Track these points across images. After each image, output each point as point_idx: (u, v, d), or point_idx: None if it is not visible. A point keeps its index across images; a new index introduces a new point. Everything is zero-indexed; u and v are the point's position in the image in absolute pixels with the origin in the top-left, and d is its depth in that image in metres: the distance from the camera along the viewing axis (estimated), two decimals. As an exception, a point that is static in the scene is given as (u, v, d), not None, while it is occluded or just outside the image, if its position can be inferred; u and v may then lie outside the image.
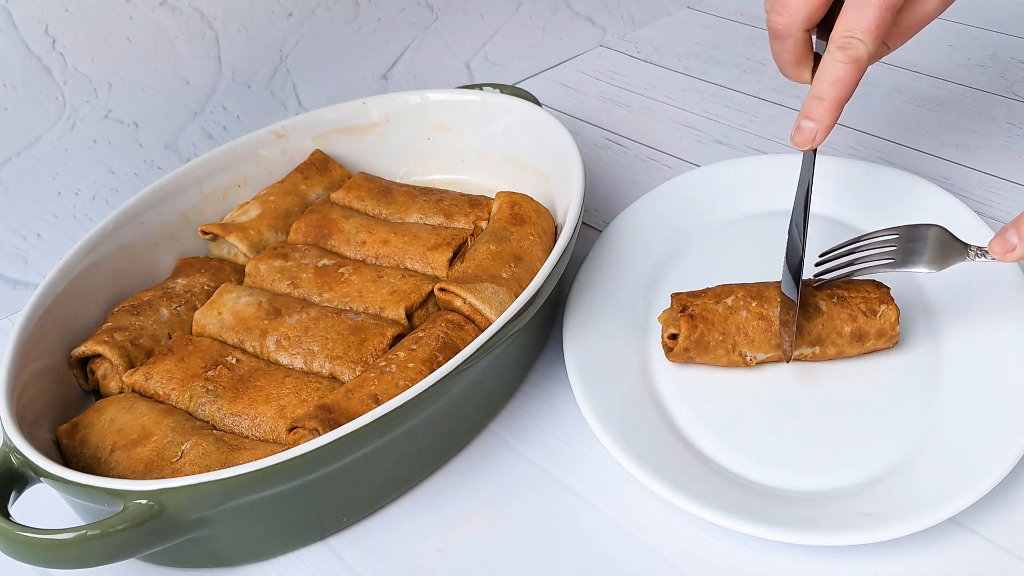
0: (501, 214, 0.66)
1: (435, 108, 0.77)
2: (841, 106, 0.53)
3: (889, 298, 0.57)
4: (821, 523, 0.49)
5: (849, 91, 0.53)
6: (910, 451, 0.53)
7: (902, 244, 0.55)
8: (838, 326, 0.57)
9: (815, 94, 0.53)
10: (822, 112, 0.53)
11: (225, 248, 0.71)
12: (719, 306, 0.58)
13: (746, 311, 0.57)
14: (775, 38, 0.56)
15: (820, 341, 0.57)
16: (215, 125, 0.80)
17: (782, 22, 0.55)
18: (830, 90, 0.52)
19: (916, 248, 0.54)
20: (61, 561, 0.47)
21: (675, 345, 0.58)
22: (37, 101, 0.69)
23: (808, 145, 0.54)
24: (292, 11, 0.80)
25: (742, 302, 0.58)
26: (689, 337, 0.57)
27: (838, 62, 0.52)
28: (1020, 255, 0.50)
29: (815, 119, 0.53)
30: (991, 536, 0.49)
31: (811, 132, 0.53)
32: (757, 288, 0.59)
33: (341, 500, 0.53)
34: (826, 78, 0.52)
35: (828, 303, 0.57)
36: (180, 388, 0.58)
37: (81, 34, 0.69)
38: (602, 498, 0.54)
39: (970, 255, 0.53)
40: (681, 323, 0.57)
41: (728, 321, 0.57)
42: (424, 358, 0.56)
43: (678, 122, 0.88)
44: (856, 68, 0.52)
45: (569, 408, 0.59)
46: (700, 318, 0.57)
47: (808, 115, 0.54)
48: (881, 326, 0.56)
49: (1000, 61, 0.89)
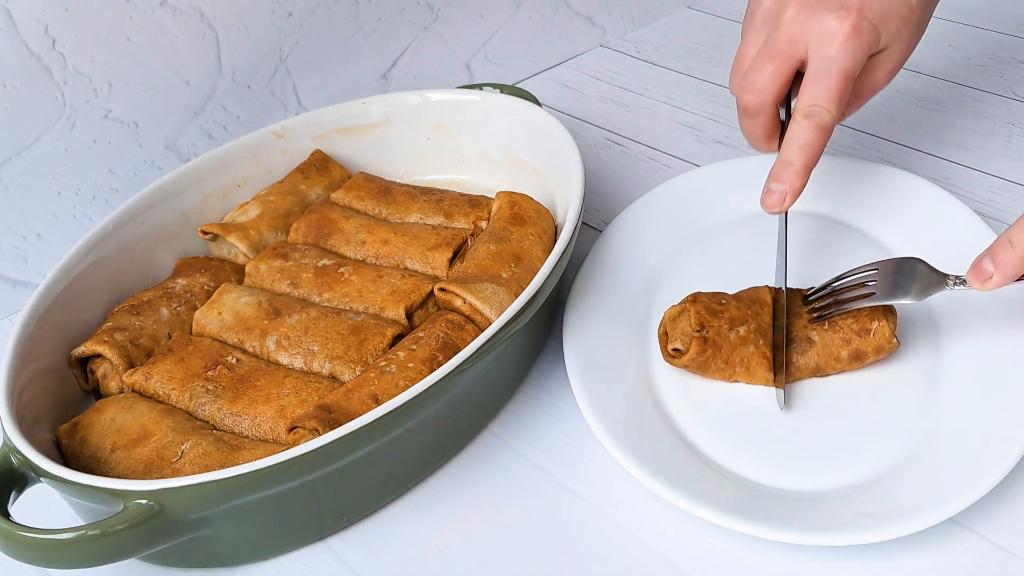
0: (501, 214, 0.66)
1: (435, 108, 0.77)
2: (809, 170, 0.55)
3: (879, 313, 0.56)
4: (821, 523, 0.48)
5: (816, 156, 0.55)
6: (910, 451, 0.53)
7: (883, 279, 0.55)
8: (834, 352, 0.57)
9: (784, 159, 0.56)
10: (792, 176, 0.55)
11: (225, 248, 0.71)
12: (731, 334, 0.57)
13: (753, 346, 0.57)
14: (746, 115, 0.59)
15: (820, 370, 0.57)
16: (215, 125, 0.80)
17: (753, 100, 0.57)
18: (799, 155, 0.55)
19: (898, 281, 0.55)
20: (61, 561, 0.47)
21: (677, 355, 0.58)
22: (37, 101, 0.69)
23: (778, 208, 0.56)
24: (292, 11, 0.80)
25: (752, 335, 0.57)
26: (696, 359, 0.57)
27: (805, 129, 0.55)
28: (996, 283, 0.50)
29: (784, 182, 0.55)
30: (991, 536, 0.49)
31: (781, 195, 0.56)
32: (766, 324, 0.58)
33: (341, 500, 0.53)
34: (794, 144, 0.55)
35: (819, 331, 0.57)
36: (180, 388, 0.58)
37: (81, 34, 0.69)
38: (602, 498, 0.54)
39: (949, 284, 0.53)
40: (692, 343, 0.56)
41: (735, 352, 0.57)
42: (424, 358, 0.56)
43: (678, 122, 0.88)
44: (822, 134, 0.55)
45: (569, 408, 0.59)
46: (711, 343, 0.56)
47: (778, 179, 0.56)
48: (877, 343, 0.56)
49: (1000, 61, 0.89)
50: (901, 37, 0.57)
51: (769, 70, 0.57)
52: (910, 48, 0.59)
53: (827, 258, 0.66)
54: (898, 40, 0.57)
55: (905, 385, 0.57)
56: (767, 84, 0.57)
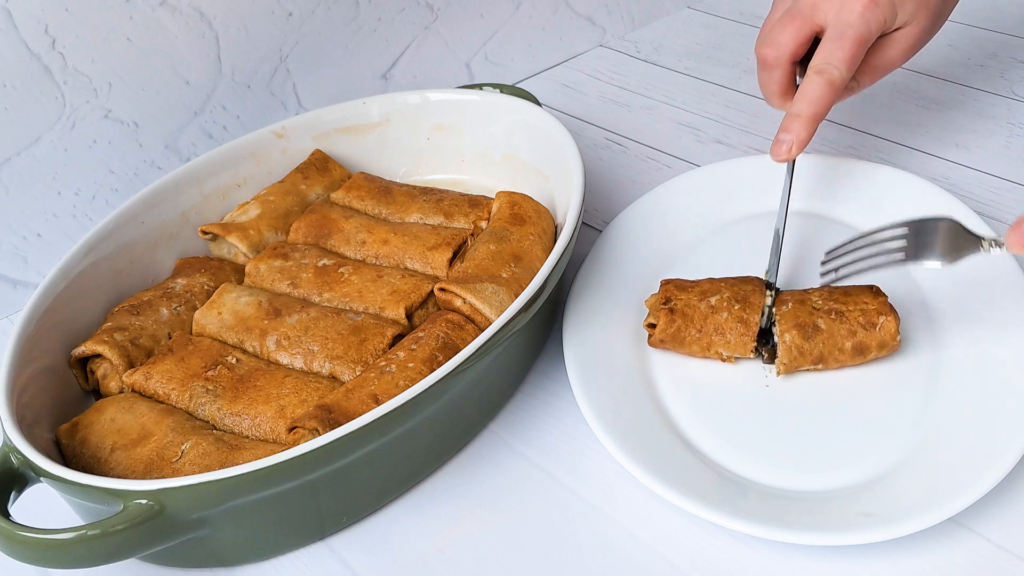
0: (501, 214, 0.66)
1: (435, 108, 0.77)
2: (816, 122, 0.60)
3: (887, 308, 0.56)
4: (821, 523, 0.49)
5: (823, 110, 0.59)
6: (910, 451, 0.53)
7: (912, 238, 0.52)
8: (839, 342, 0.57)
9: (793, 111, 0.60)
10: (798, 127, 0.60)
11: (225, 248, 0.71)
12: (702, 304, 0.59)
13: (727, 312, 0.58)
14: (764, 69, 0.64)
15: (822, 359, 0.57)
16: (215, 125, 0.80)
17: (772, 54, 0.62)
18: (807, 107, 0.59)
19: (927, 241, 0.52)
20: (61, 561, 0.47)
21: (652, 331, 0.60)
22: (37, 101, 0.69)
23: (784, 156, 0.60)
24: (292, 11, 0.80)
25: (726, 303, 0.58)
26: (666, 330, 0.59)
27: (815, 84, 0.59)
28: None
29: (792, 133, 0.60)
30: (991, 536, 0.49)
31: (788, 144, 0.60)
32: (744, 292, 0.59)
33: (341, 500, 0.53)
34: (804, 97, 0.60)
35: (827, 320, 0.57)
36: (180, 388, 0.58)
37: (81, 34, 0.69)
38: (602, 498, 0.54)
39: (984, 247, 0.50)
40: (660, 316, 0.59)
41: (708, 320, 0.58)
42: (424, 358, 0.56)
43: (678, 122, 0.88)
44: (831, 90, 0.59)
45: (569, 408, 0.59)
46: (680, 313, 0.59)
47: (787, 130, 0.60)
48: (882, 338, 0.56)
49: (1000, 61, 0.90)
50: (917, 19, 0.62)
51: (790, 29, 0.61)
52: (926, 32, 0.63)
53: (827, 258, 0.66)
54: (914, 21, 0.62)
55: (905, 384, 0.57)
56: (786, 41, 0.61)
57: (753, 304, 0.58)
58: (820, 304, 0.57)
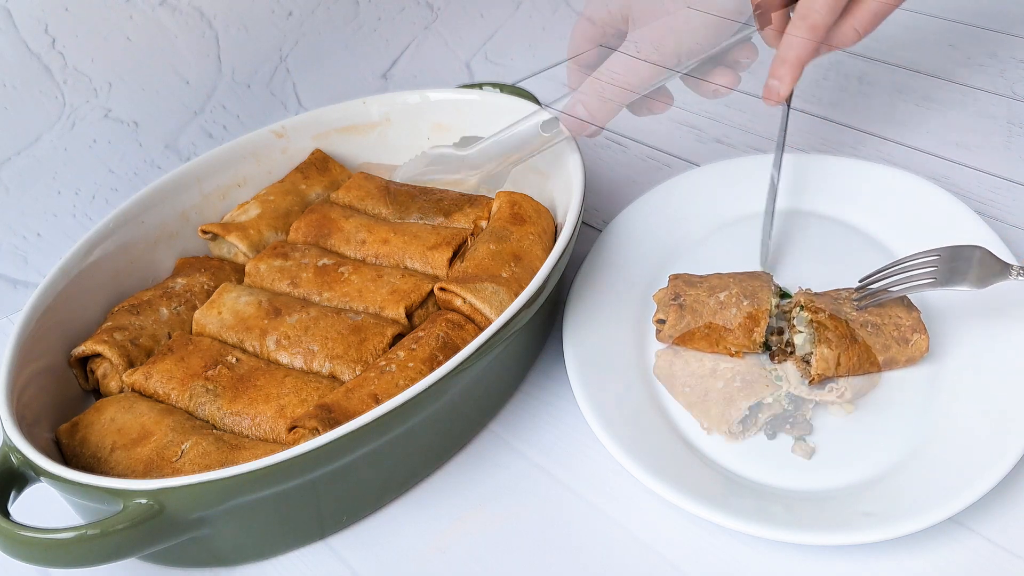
0: (501, 214, 0.66)
1: (435, 108, 0.77)
2: (800, 66, 0.61)
3: (921, 325, 0.56)
4: (821, 523, 0.49)
5: (806, 53, 0.61)
6: (910, 451, 0.53)
7: (944, 265, 0.55)
8: (871, 356, 0.57)
9: (779, 56, 0.62)
10: (784, 70, 0.62)
11: (225, 248, 0.71)
12: (711, 299, 0.59)
13: (736, 308, 0.58)
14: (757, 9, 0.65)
15: (851, 370, 0.56)
16: (215, 125, 0.80)
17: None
18: (791, 51, 0.61)
19: (959, 268, 0.54)
20: (61, 561, 0.47)
21: (661, 327, 0.60)
22: (37, 101, 0.69)
23: (774, 100, 0.63)
24: (292, 11, 0.80)
25: (734, 299, 0.58)
26: (675, 326, 0.59)
27: (798, 28, 0.61)
28: None
29: (778, 76, 0.62)
30: (991, 536, 0.49)
31: (776, 88, 0.62)
32: (752, 287, 0.59)
33: (341, 500, 0.53)
34: (788, 41, 0.62)
35: (863, 332, 0.57)
36: (180, 388, 0.58)
37: (81, 34, 0.69)
38: (602, 497, 0.54)
39: (1013, 274, 0.53)
40: (670, 312, 0.59)
41: (717, 316, 0.58)
42: (424, 358, 0.56)
43: (678, 122, 0.88)
44: (813, 33, 0.61)
45: (569, 408, 0.59)
46: (690, 309, 0.59)
47: (774, 74, 0.62)
48: (911, 354, 0.56)
49: (1000, 61, 0.89)
50: None
51: None
52: None
53: (827, 258, 0.66)
54: None
55: (905, 384, 0.57)
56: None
57: (762, 300, 0.58)
58: (855, 316, 0.57)
